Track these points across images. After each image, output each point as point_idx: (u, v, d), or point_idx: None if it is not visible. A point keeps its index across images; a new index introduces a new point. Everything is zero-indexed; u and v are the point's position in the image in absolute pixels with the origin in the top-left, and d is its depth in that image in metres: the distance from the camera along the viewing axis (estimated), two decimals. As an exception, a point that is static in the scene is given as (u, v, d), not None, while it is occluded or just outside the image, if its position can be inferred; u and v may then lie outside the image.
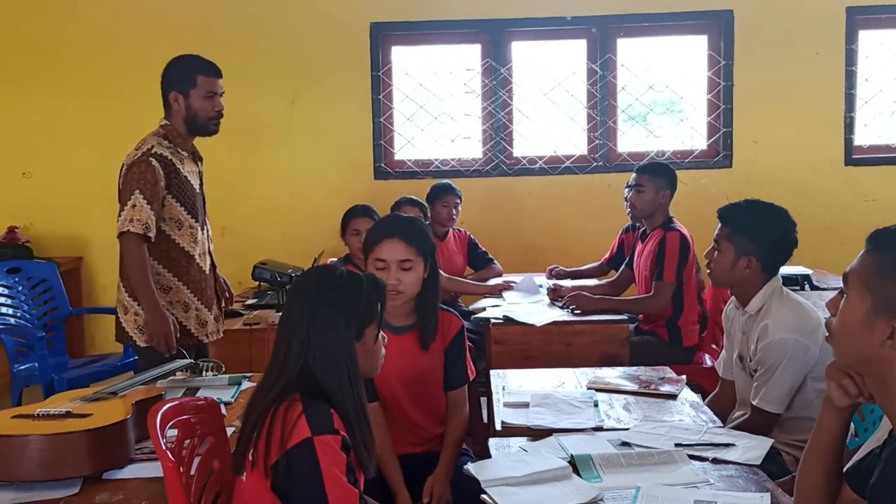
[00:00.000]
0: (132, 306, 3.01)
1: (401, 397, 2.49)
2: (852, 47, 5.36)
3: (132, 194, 2.92)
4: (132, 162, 2.97)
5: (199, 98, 3.05)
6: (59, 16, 5.42)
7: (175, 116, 3.07)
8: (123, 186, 2.98)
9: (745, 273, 2.54)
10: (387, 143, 5.51)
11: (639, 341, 3.75)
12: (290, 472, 1.66)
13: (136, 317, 3.00)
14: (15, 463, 1.88)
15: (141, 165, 2.94)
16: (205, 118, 3.07)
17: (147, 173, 2.94)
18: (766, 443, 2.15)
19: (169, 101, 3.07)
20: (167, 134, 3.05)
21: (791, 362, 2.40)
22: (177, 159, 3.04)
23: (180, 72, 3.08)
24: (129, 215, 2.92)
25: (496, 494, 1.86)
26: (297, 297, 1.84)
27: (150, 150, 2.97)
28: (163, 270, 3.02)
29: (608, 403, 2.52)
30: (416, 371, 2.49)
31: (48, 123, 5.47)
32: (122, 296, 3.05)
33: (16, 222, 5.34)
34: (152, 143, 3.01)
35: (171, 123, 3.07)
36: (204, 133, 3.13)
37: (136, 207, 2.91)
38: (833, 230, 5.40)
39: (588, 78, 5.47)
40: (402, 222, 2.53)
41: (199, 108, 3.06)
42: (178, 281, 3.05)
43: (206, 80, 3.07)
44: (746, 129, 5.41)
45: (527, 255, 5.24)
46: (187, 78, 3.05)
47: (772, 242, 2.55)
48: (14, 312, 4.30)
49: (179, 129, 3.07)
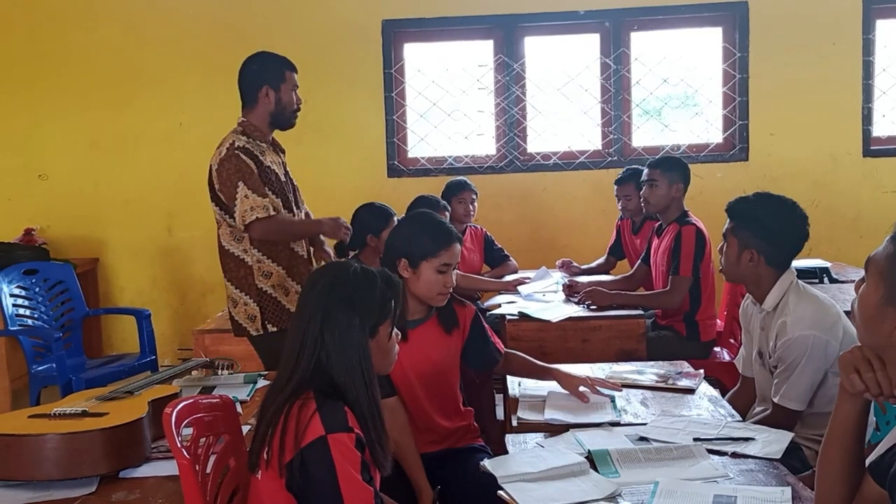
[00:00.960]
0: (241, 298, 3.11)
1: (418, 393, 2.49)
2: (869, 37, 5.30)
3: (237, 188, 3.00)
4: (221, 159, 3.04)
5: (287, 91, 3.17)
6: (74, 21, 5.46)
7: (260, 111, 3.15)
8: (223, 185, 3.04)
9: (749, 267, 2.52)
10: (400, 141, 5.50)
11: (656, 337, 3.73)
12: (305, 470, 1.65)
13: (245, 307, 3.11)
14: (32, 462, 1.88)
15: (231, 160, 3.02)
16: (290, 111, 3.20)
17: (241, 165, 3.02)
18: (786, 437, 2.12)
19: (257, 97, 3.14)
20: (245, 130, 3.13)
21: (811, 359, 2.37)
22: (258, 151, 3.11)
23: (270, 67, 3.17)
24: (246, 206, 3.00)
25: (513, 490, 1.85)
26: (310, 295, 1.83)
27: (233, 146, 3.05)
28: (262, 257, 3.10)
29: (625, 398, 2.50)
30: (433, 364, 2.50)
31: (64, 126, 5.50)
32: (230, 290, 3.15)
33: (32, 224, 5.38)
34: (233, 139, 3.09)
35: (250, 119, 3.15)
36: (286, 126, 3.23)
37: (249, 197, 3.00)
38: (852, 222, 5.35)
39: (602, 72, 5.44)
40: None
41: (287, 102, 3.17)
42: (278, 266, 3.13)
43: (290, 74, 3.19)
44: (762, 121, 5.36)
45: (541, 252, 5.22)
46: (277, 73, 3.16)
47: (773, 236, 2.50)
48: (32, 314, 4.33)
49: (261, 123, 3.15)
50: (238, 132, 3.13)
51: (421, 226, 2.51)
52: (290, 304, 3.13)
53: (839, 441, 1.59)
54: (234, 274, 3.12)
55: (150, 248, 5.58)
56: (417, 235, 2.47)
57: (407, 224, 2.62)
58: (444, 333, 2.53)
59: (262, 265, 3.11)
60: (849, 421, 1.58)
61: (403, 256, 2.45)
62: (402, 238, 2.51)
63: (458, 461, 2.48)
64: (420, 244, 2.45)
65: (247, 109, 3.18)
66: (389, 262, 2.48)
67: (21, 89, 5.49)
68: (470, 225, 4.67)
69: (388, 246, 2.55)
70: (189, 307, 5.57)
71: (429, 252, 2.43)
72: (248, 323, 3.13)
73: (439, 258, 2.43)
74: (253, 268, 3.09)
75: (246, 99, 3.18)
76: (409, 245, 2.46)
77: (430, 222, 2.52)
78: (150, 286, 5.60)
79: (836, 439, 1.60)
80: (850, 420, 1.58)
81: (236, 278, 3.12)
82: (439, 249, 2.44)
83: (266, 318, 3.10)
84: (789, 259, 2.54)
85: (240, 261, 3.10)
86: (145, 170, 5.52)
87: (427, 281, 2.44)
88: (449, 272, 2.46)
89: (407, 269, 2.45)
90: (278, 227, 3.09)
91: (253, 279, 3.09)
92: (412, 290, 2.47)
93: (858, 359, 1.53)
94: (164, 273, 5.61)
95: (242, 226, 3.02)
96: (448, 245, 2.45)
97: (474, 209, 4.60)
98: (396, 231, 2.61)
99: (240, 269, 3.10)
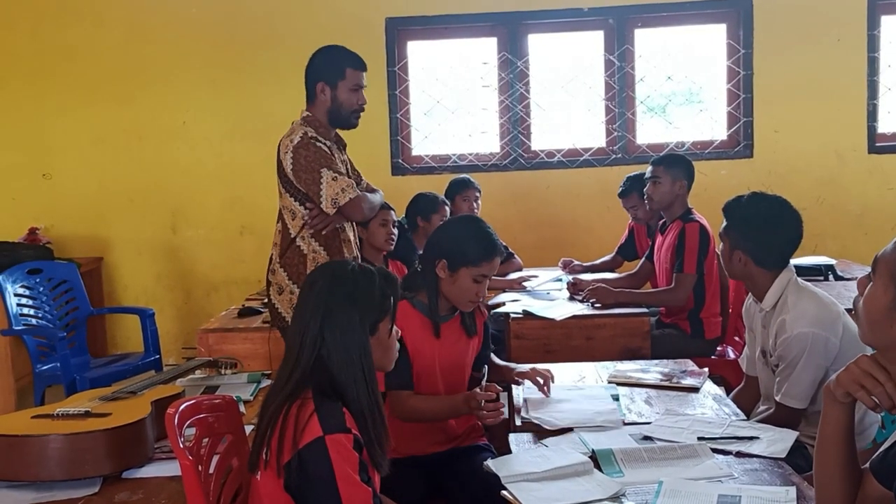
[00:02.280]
0: (288, 286, 3.05)
1: (440, 388, 2.51)
2: (874, 33, 5.28)
3: (320, 174, 2.91)
4: (295, 147, 2.94)
5: (346, 90, 3.03)
6: (77, 18, 5.46)
7: (319, 107, 3.06)
8: (303, 172, 2.93)
9: (739, 267, 2.52)
10: (404, 139, 5.49)
11: (660, 335, 3.72)
12: (303, 471, 1.65)
13: (291, 296, 3.04)
14: (35, 463, 1.89)
15: (309, 147, 2.93)
16: (348, 111, 3.05)
17: (319, 151, 2.94)
18: (790, 435, 2.11)
19: (315, 92, 3.04)
20: (309, 123, 3.04)
21: (812, 356, 2.36)
22: (327, 148, 3.03)
23: (329, 63, 3.04)
24: (336, 188, 2.91)
25: (517, 490, 1.84)
26: (310, 293, 1.83)
27: (307, 135, 2.96)
28: (318, 248, 3.04)
29: (629, 397, 2.49)
30: (454, 361, 2.53)
31: (68, 125, 5.51)
32: (281, 277, 3.07)
33: (37, 223, 5.39)
34: (303, 129, 2.99)
35: (313, 114, 3.07)
36: (345, 126, 3.13)
37: (337, 180, 2.92)
38: (857, 219, 5.34)
39: (606, 69, 5.43)
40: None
41: (344, 101, 3.03)
42: (330, 259, 3.07)
43: (353, 72, 3.04)
44: (767, 118, 5.34)
45: (546, 250, 5.21)
46: (336, 69, 3.02)
47: (760, 238, 2.48)
48: (36, 313, 4.33)
49: (321, 119, 3.06)
50: (304, 125, 3.03)
51: (469, 232, 2.49)
52: None
53: (832, 446, 1.58)
54: (290, 261, 3.05)
55: (154, 247, 5.59)
56: (463, 241, 2.47)
57: (455, 226, 2.61)
58: (464, 333, 2.56)
59: (318, 256, 3.05)
60: (838, 425, 1.56)
61: (444, 257, 2.45)
62: (448, 239, 2.50)
63: (462, 460, 2.48)
64: (464, 250, 2.44)
65: (309, 105, 3.09)
66: (429, 258, 2.49)
67: (24, 88, 5.50)
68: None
69: (431, 243, 2.55)
70: (193, 306, 5.57)
71: (471, 260, 2.43)
72: (290, 312, 3.03)
73: (480, 268, 2.44)
74: (308, 257, 3.02)
75: (308, 93, 3.09)
76: (453, 248, 2.45)
77: (479, 231, 2.50)
78: (154, 285, 5.61)
79: (829, 444, 1.58)
80: (840, 424, 1.56)
81: (291, 265, 3.04)
82: (482, 260, 2.44)
83: None
84: (781, 259, 2.50)
85: (298, 249, 3.03)
86: (149, 168, 5.52)
87: (462, 287, 2.45)
88: (484, 283, 2.47)
89: (444, 271, 2.45)
90: (369, 203, 3.04)
91: (305, 269, 3.01)
92: (444, 290, 2.48)
93: (860, 374, 1.50)
94: (168, 272, 5.61)
95: (335, 208, 2.93)
96: (491, 258, 2.46)
97: (478, 206, 4.60)
98: (442, 230, 2.60)
99: (294, 257, 3.04)
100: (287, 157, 2.95)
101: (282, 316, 3.08)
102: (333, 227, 3.03)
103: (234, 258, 5.44)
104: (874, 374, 1.49)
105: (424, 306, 2.50)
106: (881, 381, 1.48)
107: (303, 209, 2.99)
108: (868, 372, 1.49)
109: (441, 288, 2.47)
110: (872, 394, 1.48)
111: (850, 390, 1.51)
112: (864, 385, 1.49)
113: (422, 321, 2.49)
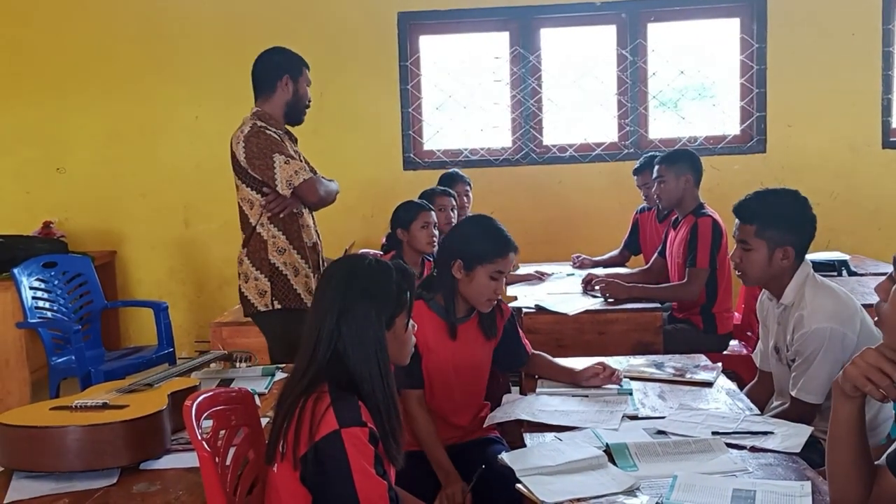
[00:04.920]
0: (253, 273, 3.17)
1: (454, 388, 2.52)
2: (889, 27, 5.25)
3: (272, 158, 3.06)
4: (246, 136, 3.09)
5: (303, 85, 3.25)
6: (91, 15, 5.48)
7: (277, 100, 3.22)
8: (255, 159, 3.07)
9: (782, 265, 2.49)
10: (416, 134, 5.50)
11: (673, 329, 3.72)
12: (319, 463, 1.66)
13: (256, 282, 3.17)
14: (54, 454, 1.90)
15: (259, 136, 3.09)
16: (304, 104, 3.27)
17: (270, 138, 3.09)
18: (805, 430, 2.11)
19: (276, 85, 3.20)
20: (261, 118, 3.18)
21: (829, 351, 2.35)
22: (278, 136, 3.16)
23: (291, 60, 3.25)
24: (289, 171, 3.07)
25: (531, 484, 1.84)
26: (326, 287, 1.84)
27: (256, 125, 3.12)
28: (278, 233, 3.16)
29: (643, 392, 2.49)
30: (471, 361, 2.54)
31: (81, 119, 5.54)
32: (245, 266, 3.20)
33: (51, 217, 5.42)
34: (252, 121, 3.15)
35: (264, 109, 3.21)
36: (296, 121, 3.29)
37: (289, 163, 3.08)
38: (871, 214, 5.31)
39: (618, 64, 5.41)
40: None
41: (303, 94, 3.25)
42: (290, 245, 3.18)
43: (306, 71, 3.28)
44: (780, 113, 5.32)
45: (557, 245, 5.21)
46: (297, 66, 3.25)
47: (802, 226, 2.49)
48: (51, 306, 4.37)
49: (275, 113, 3.21)
50: (255, 118, 3.17)
51: (482, 230, 2.51)
52: (297, 284, 3.19)
53: (843, 441, 1.57)
54: (252, 248, 3.18)
55: (167, 241, 5.62)
56: (477, 239, 2.48)
57: (467, 226, 2.62)
58: (482, 334, 2.57)
59: (277, 241, 3.16)
60: (849, 420, 1.56)
61: (459, 257, 2.45)
62: (461, 239, 2.52)
63: (475, 452, 2.49)
64: (478, 248, 2.46)
65: (262, 98, 3.23)
66: (444, 260, 2.51)
67: (39, 83, 5.52)
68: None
69: (445, 245, 2.58)
70: (206, 299, 5.60)
71: (485, 257, 2.44)
72: (258, 298, 3.17)
73: (495, 265, 2.45)
74: (268, 242, 3.15)
75: (263, 87, 3.23)
76: (467, 247, 2.47)
77: (491, 228, 2.51)
78: (168, 278, 5.64)
79: (840, 439, 1.58)
80: (851, 419, 1.56)
81: (253, 252, 3.17)
82: (496, 256, 2.45)
83: (275, 294, 3.15)
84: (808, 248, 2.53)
85: (258, 236, 3.15)
86: (163, 163, 5.55)
87: (479, 285, 2.46)
88: (501, 279, 2.48)
89: (460, 271, 2.46)
90: (325, 186, 3.19)
91: (267, 254, 3.15)
92: (462, 291, 2.49)
93: (868, 368, 1.49)
94: (181, 265, 5.64)
95: (290, 190, 3.06)
96: (505, 253, 2.46)
97: (469, 200, 4.59)
98: (456, 231, 2.63)
99: (257, 244, 3.16)
100: (239, 148, 3.09)
101: (251, 303, 3.19)
102: (291, 212, 3.15)
103: (246, 252, 5.46)
104: (882, 366, 1.48)
105: (441, 308, 2.51)
106: (888, 373, 1.48)
107: (260, 197, 3.11)
108: (875, 365, 1.49)
109: (459, 289, 2.48)
110: (880, 387, 1.48)
111: (858, 384, 1.51)
112: (872, 379, 1.49)
113: (438, 323, 2.50)
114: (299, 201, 3.14)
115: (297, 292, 3.18)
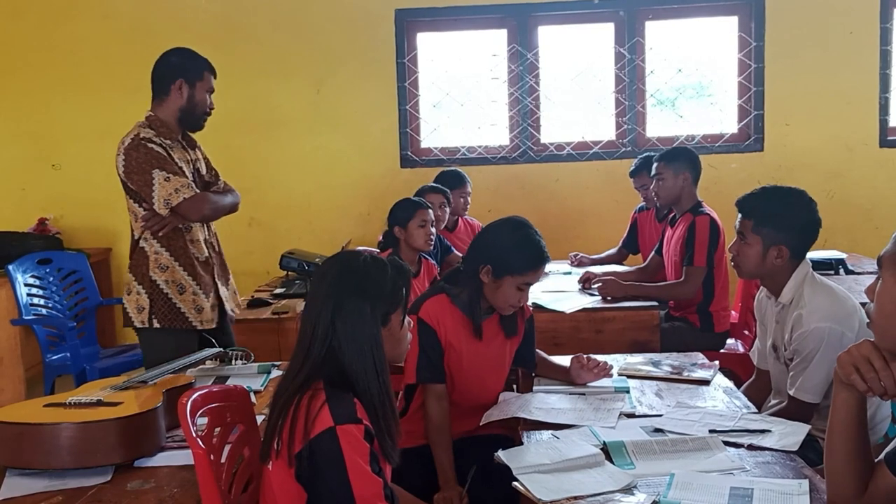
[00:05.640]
0: (135, 287, 3.00)
1: (473, 385, 2.51)
2: (887, 26, 5.25)
3: (151, 175, 2.88)
4: (126, 149, 2.92)
5: (202, 91, 3.05)
6: (86, 11, 5.46)
7: (170, 105, 3.02)
8: (134, 174, 2.91)
9: (776, 263, 2.49)
10: (413, 131, 5.49)
11: (670, 328, 3.71)
12: (314, 461, 1.65)
13: (137, 297, 3.00)
14: (47, 451, 1.89)
15: (139, 149, 2.90)
16: (201, 112, 3.07)
17: (150, 152, 2.90)
18: (802, 429, 2.10)
19: (169, 90, 3.02)
20: (151, 124, 3.01)
21: (827, 351, 2.34)
22: (164, 146, 2.98)
23: (189, 63, 3.05)
24: (168, 189, 2.88)
25: (528, 481, 1.83)
26: (321, 284, 1.82)
27: (138, 136, 2.93)
28: (161, 249, 2.99)
29: (640, 390, 2.49)
30: (492, 358, 2.53)
31: (76, 116, 5.52)
32: (129, 278, 3.04)
33: (46, 214, 5.41)
34: (137, 131, 2.97)
35: (157, 114, 3.03)
36: (194, 128, 3.11)
37: (170, 180, 2.88)
38: (868, 213, 5.31)
39: (616, 62, 5.41)
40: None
41: (199, 101, 3.04)
42: (175, 262, 3.00)
43: (209, 76, 3.07)
44: (778, 111, 5.32)
45: (555, 243, 5.13)
46: (196, 70, 3.04)
47: (800, 228, 2.48)
48: (46, 303, 4.35)
49: (169, 118, 3.03)
50: (143, 126, 3.00)
51: (518, 241, 2.43)
52: (182, 303, 3.00)
53: (842, 433, 1.57)
54: (135, 262, 3.01)
55: (163, 238, 5.59)
56: (512, 250, 2.41)
57: (503, 232, 2.48)
58: (502, 331, 2.55)
59: (160, 257, 2.98)
60: (849, 412, 1.56)
61: (490, 263, 2.40)
62: (495, 246, 2.44)
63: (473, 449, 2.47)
64: (511, 259, 2.40)
65: (156, 103, 3.05)
66: (472, 263, 2.45)
67: (34, 79, 5.51)
68: (465, 217, 4.70)
69: (476, 247, 2.49)
70: (202, 297, 5.58)
71: (517, 269, 2.40)
72: (136, 313, 3.00)
73: (525, 277, 2.41)
74: (150, 258, 2.97)
75: (157, 90, 3.05)
76: (500, 255, 2.40)
77: (527, 239, 2.44)
78: (163, 276, 5.61)
79: (839, 431, 1.58)
80: (851, 410, 1.56)
81: (136, 266, 3.00)
82: (528, 270, 2.41)
83: (154, 312, 2.97)
84: (808, 249, 2.52)
85: (142, 250, 2.99)
86: (158, 160, 5.52)
87: (505, 293, 2.42)
88: (527, 290, 2.45)
89: (488, 276, 2.41)
90: (211, 203, 2.99)
91: (148, 270, 2.97)
92: (486, 294, 2.45)
93: (858, 358, 1.50)
94: (176, 263, 5.62)
95: (167, 209, 2.89)
96: (538, 267, 2.43)
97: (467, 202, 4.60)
98: (489, 235, 2.52)
99: (139, 258, 3.00)
100: (119, 160, 2.94)
101: (129, 317, 3.03)
102: (174, 228, 2.96)
103: (242, 250, 5.43)
104: (871, 359, 1.49)
105: (465, 305, 2.46)
106: (877, 367, 1.49)
107: (141, 210, 2.95)
108: (866, 357, 1.50)
109: (483, 291, 2.44)
110: (865, 378, 1.49)
111: (845, 372, 1.52)
112: (860, 368, 1.49)
113: (461, 319, 2.47)
114: (181, 218, 2.94)
115: (180, 311, 2.99)
